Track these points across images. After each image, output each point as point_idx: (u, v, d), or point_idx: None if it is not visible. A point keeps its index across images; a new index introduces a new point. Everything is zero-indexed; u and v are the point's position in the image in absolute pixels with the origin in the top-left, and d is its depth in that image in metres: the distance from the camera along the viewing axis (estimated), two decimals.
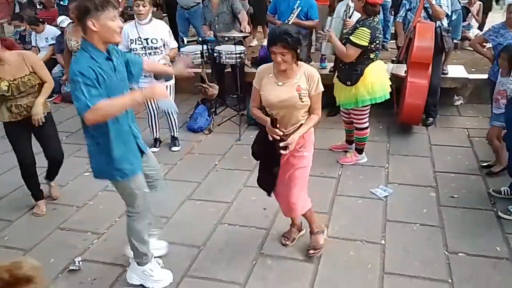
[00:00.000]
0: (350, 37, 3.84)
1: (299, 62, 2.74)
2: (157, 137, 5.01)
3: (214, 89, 5.47)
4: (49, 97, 4.03)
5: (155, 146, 4.94)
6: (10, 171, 4.41)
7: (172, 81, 4.69)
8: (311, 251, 3.08)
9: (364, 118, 4.20)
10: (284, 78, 2.74)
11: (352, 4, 4.73)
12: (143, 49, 4.41)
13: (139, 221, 2.76)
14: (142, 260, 2.84)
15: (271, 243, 3.26)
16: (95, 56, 2.32)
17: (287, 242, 3.21)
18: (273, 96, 2.75)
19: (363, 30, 3.79)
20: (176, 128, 4.94)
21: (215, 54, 5.33)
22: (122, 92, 2.43)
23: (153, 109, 4.79)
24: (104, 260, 3.14)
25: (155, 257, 2.95)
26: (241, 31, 5.30)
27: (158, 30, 4.44)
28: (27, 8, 8.45)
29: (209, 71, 5.75)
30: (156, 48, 4.42)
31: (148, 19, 4.39)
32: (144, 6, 4.28)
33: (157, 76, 4.45)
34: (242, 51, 5.31)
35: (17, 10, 8.41)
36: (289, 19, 5.04)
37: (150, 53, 4.42)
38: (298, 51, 2.65)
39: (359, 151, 4.36)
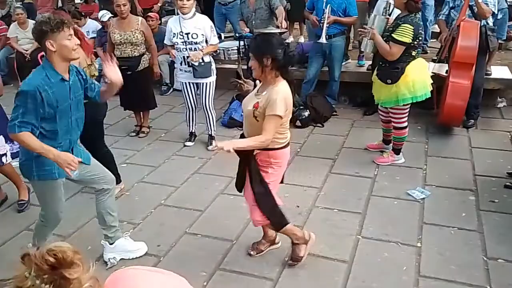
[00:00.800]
0: (393, 35, 3.77)
1: (277, 78, 2.54)
2: (193, 131, 5.05)
3: (249, 85, 5.42)
4: None
5: (190, 141, 4.99)
6: None
7: (212, 78, 4.65)
8: (290, 262, 2.98)
9: (403, 117, 4.11)
10: (261, 90, 2.63)
11: (392, 1, 4.63)
12: (184, 43, 4.44)
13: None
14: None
15: None
16: (50, 76, 2.47)
17: (251, 252, 3.09)
18: (244, 103, 2.72)
19: (405, 26, 3.71)
20: (213, 127, 4.93)
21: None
22: (75, 111, 2.64)
23: (191, 103, 4.81)
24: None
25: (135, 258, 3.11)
26: (278, 27, 5.29)
27: (200, 25, 4.43)
28: (70, 2, 8.70)
29: (245, 67, 5.77)
30: (196, 43, 4.43)
31: (191, 13, 4.40)
32: (188, 0, 4.29)
33: (196, 73, 4.48)
34: None
35: (59, 4, 8.66)
36: (322, 21, 5.00)
37: (190, 48, 4.44)
38: (265, 61, 2.46)
39: (397, 151, 4.27)
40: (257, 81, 2.76)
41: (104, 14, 6.24)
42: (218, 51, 5.89)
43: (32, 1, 9.02)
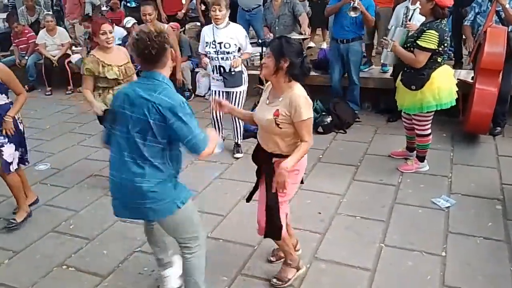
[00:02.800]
0: (418, 42, 3.73)
1: (291, 84, 2.50)
2: (222, 136, 4.97)
3: None
4: None
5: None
6: (80, 161, 4.64)
7: (243, 87, 4.61)
8: (274, 280, 2.87)
9: (427, 125, 4.05)
10: (272, 97, 2.58)
11: (411, 7, 4.59)
12: (216, 53, 4.41)
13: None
14: None
15: (325, 247, 3.22)
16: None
17: (272, 258, 3.09)
18: (258, 115, 2.64)
19: (430, 32, 3.67)
20: (240, 136, 4.86)
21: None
22: None
23: (218, 112, 4.71)
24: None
25: None
26: (301, 33, 5.30)
27: (233, 34, 4.42)
28: (98, 10, 8.89)
29: None
30: (228, 52, 4.41)
31: (225, 23, 4.39)
32: (220, 11, 4.28)
33: (227, 82, 4.47)
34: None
35: (87, 11, 8.85)
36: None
37: (222, 58, 4.42)
38: (282, 63, 2.42)
39: (421, 158, 4.21)
40: (267, 89, 2.71)
41: (129, 21, 6.37)
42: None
43: (60, 9, 9.24)
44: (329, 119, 5.28)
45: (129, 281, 2.97)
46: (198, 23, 9.41)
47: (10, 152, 3.55)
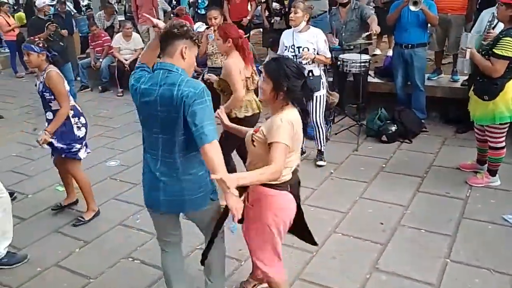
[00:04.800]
0: (494, 50, 3.56)
1: (287, 106, 2.28)
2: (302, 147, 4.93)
3: (334, 97, 5.45)
4: None
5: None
6: None
7: (322, 92, 4.52)
8: None
9: (501, 137, 3.84)
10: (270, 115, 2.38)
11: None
12: (294, 57, 4.33)
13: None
14: None
15: (386, 258, 3.14)
16: None
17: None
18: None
19: (507, 40, 3.50)
20: (323, 142, 4.72)
21: (338, 63, 5.30)
22: None
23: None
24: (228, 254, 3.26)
25: None
26: (369, 35, 5.22)
27: (313, 39, 4.34)
28: (168, 16, 9.27)
29: (331, 79, 5.75)
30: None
31: (301, 26, 4.35)
32: (296, 13, 4.28)
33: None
34: (367, 60, 5.21)
35: (160, 17, 9.25)
36: None
37: (300, 62, 4.26)
38: (283, 87, 2.23)
39: (492, 172, 3.99)
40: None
41: (200, 26, 6.57)
42: None
43: (133, 15, 9.72)
44: (393, 127, 5.15)
45: (190, 276, 3.06)
46: (261, 30, 9.56)
47: (59, 146, 3.65)
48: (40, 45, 3.61)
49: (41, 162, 4.85)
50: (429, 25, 5.21)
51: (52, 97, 3.58)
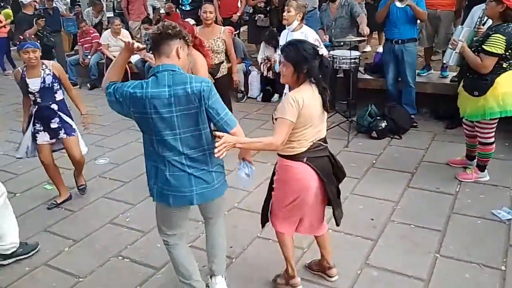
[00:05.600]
0: (483, 46, 3.58)
1: (303, 84, 2.45)
2: None
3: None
4: None
5: None
6: (137, 157, 4.80)
7: None
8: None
9: (490, 132, 3.87)
10: None
11: None
12: None
13: None
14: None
15: (378, 254, 3.15)
16: None
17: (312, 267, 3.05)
18: None
19: (497, 37, 3.51)
20: None
21: (329, 59, 5.28)
22: None
23: None
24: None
25: None
26: (360, 34, 5.22)
27: (304, 38, 4.26)
28: (157, 13, 9.20)
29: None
30: None
31: (294, 25, 4.39)
32: (288, 12, 4.31)
33: None
34: (357, 57, 5.22)
35: (149, 12, 9.17)
36: None
37: None
38: (304, 69, 2.39)
39: (482, 168, 4.02)
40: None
41: (188, 22, 6.52)
42: None
43: (123, 11, 9.63)
44: (383, 123, 5.16)
45: None
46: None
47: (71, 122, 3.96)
48: (37, 41, 3.87)
49: (29, 161, 4.76)
50: (418, 20, 5.23)
51: (59, 87, 3.82)
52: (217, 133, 2.22)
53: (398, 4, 4.90)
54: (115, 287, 3.02)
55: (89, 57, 8.34)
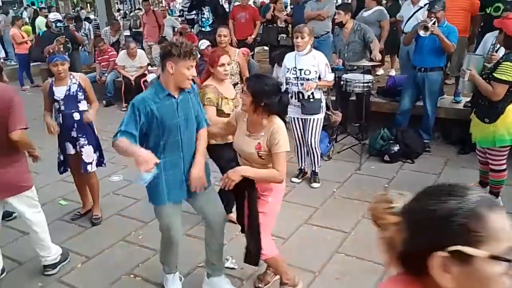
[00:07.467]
0: (494, 74, 3.61)
1: (270, 118, 2.62)
2: (303, 167, 4.90)
3: (337, 116, 5.51)
4: None
5: (297, 177, 4.84)
6: None
7: (319, 116, 4.51)
8: None
9: (502, 160, 3.86)
10: (252, 129, 2.69)
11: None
12: (296, 79, 4.40)
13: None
14: None
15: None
16: (158, 92, 2.61)
17: (260, 285, 3.09)
18: (239, 145, 2.76)
19: (506, 64, 3.55)
20: (317, 164, 4.73)
21: (341, 82, 5.34)
22: (184, 129, 2.69)
23: (299, 139, 4.70)
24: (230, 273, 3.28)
25: None
26: (372, 59, 5.28)
27: (315, 62, 4.39)
28: (176, 33, 9.41)
29: (333, 98, 5.81)
30: (308, 79, 4.37)
31: (306, 50, 4.40)
32: (302, 38, 4.33)
33: (304, 109, 4.42)
34: (371, 80, 5.26)
35: (166, 34, 9.38)
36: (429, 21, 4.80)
37: (302, 84, 4.37)
38: (261, 103, 2.53)
39: (495, 194, 4.00)
40: (241, 117, 2.79)
41: (203, 43, 6.65)
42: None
43: (140, 30, 9.87)
44: (396, 147, 5.17)
45: None
46: (266, 47, 9.67)
47: (89, 153, 3.95)
48: (66, 54, 4.10)
49: (45, 176, 4.87)
50: None
51: (83, 97, 3.92)
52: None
53: (421, 33, 4.79)
54: None
55: (106, 75, 8.50)
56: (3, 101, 2.90)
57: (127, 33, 11.00)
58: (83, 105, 3.95)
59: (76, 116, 3.90)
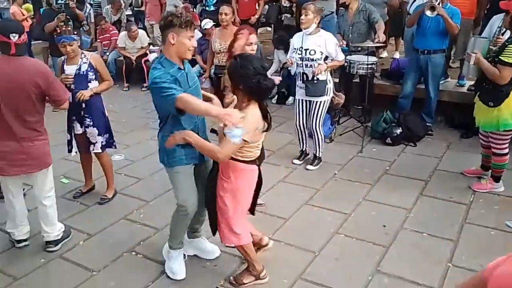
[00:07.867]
0: (500, 57, 3.56)
1: (249, 103, 2.54)
2: (304, 149, 4.86)
3: (340, 98, 5.45)
4: None
5: (298, 159, 4.82)
6: (152, 155, 4.87)
7: (324, 98, 4.42)
8: (231, 278, 2.98)
9: (504, 144, 3.85)
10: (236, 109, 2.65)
11: None
12: (300, 59, 4.34)
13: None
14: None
15: (389, 261, 3.15)
16: (169, 68, 2.62)
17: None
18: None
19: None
20: (320, 148, 4.66)
21: (345, 64, 5.28)
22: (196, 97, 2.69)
23: (301, 121, 4.64)
24: (225, 249, 3.31)
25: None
26: (374, 41, 5.22)
27: (321, 42, 4.27)
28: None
29: (337, 80, 5.76)
30: (312, 59, 4.28)
31: (312, 28, 4.28)
32: (306, 15, 4.24)
33: (308, 91, 4.37)
34: (374, 62, 5.21)
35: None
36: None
37: (306, 65, 4.32)
38: (239, 85, 2.50)
39: (496, 178, 4.00)
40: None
41: (207, 22, 6.59)
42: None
43: (142, 9, 9.74)
44: (398, 130, 5.15)
45: (194, 273, 3.08)
46: (269, 28, 9.56)
47: (93, 134, 3.97)
48: (75, 32, 3.96)
49: None
50: None
51: (94, 77, 3.89)
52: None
53: (428, 13, 4.74)
54: (128, 282, 3.07)
55: (107, 54, 8.43)
56: (43, 76, 3.02)
57: (129, 12, 10.86)
58: (93, 85, 3.90)
59: None
